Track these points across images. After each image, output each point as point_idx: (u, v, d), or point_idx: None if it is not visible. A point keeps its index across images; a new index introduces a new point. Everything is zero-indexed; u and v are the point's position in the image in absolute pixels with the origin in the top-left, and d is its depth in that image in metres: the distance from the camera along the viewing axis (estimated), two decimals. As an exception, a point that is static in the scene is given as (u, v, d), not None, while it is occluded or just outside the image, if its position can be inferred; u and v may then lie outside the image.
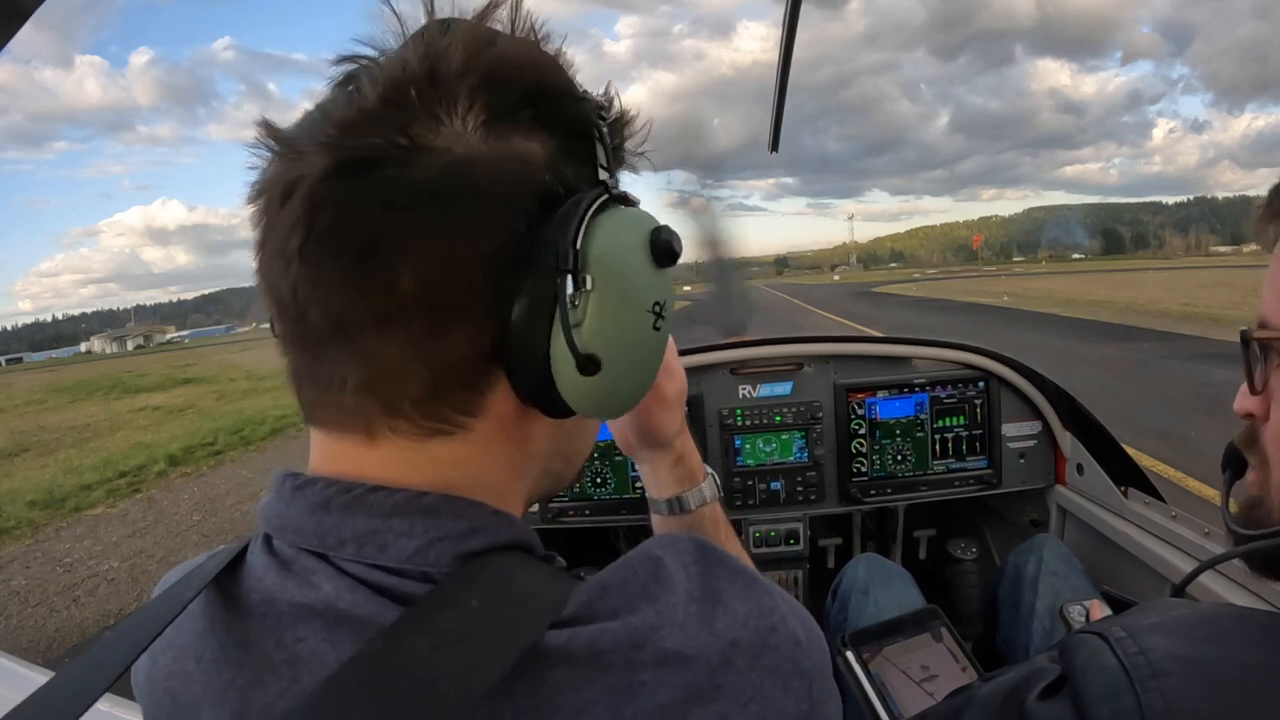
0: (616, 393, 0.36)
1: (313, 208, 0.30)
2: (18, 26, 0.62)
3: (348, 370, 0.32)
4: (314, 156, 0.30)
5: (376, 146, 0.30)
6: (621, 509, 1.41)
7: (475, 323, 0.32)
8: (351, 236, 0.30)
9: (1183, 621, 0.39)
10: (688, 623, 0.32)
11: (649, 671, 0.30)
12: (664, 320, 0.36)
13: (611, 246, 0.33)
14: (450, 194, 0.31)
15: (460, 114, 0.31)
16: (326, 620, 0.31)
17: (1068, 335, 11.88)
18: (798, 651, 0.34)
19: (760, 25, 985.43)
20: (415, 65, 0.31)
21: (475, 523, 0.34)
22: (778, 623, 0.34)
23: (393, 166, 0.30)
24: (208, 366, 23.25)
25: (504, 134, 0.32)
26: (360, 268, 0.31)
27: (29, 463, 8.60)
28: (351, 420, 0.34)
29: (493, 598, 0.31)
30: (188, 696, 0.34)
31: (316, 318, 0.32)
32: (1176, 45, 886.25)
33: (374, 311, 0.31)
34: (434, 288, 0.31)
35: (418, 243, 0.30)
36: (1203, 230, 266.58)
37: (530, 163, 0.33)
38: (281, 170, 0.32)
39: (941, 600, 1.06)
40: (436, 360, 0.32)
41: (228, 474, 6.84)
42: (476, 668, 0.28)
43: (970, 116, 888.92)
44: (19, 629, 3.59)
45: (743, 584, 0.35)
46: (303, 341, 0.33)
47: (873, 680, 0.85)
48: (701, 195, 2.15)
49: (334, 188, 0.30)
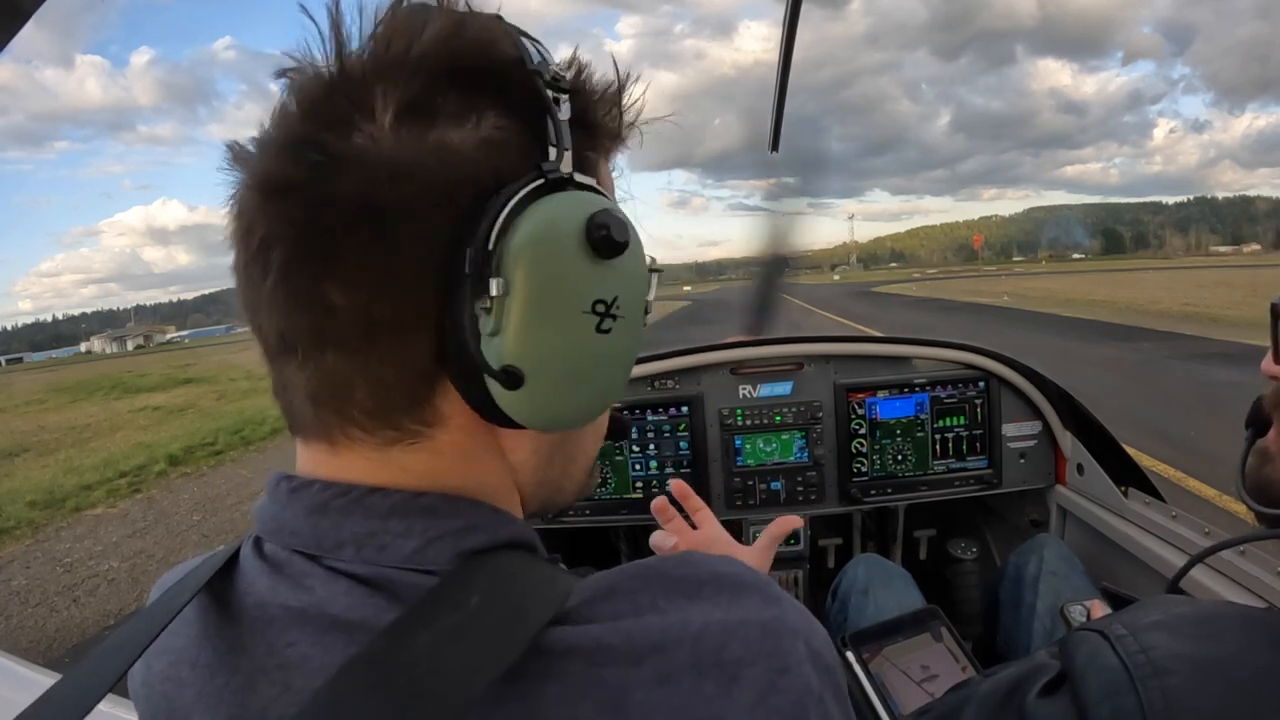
0: (556, 404, 0.33)
1: (247, 230, 0.31)
2: (18, 26, 0.62)
3: (299, 382, 0.33)
4: (249, 179, 0.31)
5: (293, 165, 0.29)
6: (621, 509, 1.41)
7: (411, 334, 0.31)
8: (277, 257, 0.30)
9: (1184, 620, 0.39)
10: (699, 645, 0.30)
11: (643, 692, 0.28)
12: (616, 320, 0.32)
13: (532, 240, 0.30)
14: (366, 205, 0.29)
15: (373, 115, 0.29)
16: (319, 625, 0.31)
17: (1068, 335, 11.88)
18: (808, 699, 0.30)
19: (762, 25, 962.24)
20: (326, 70, 0.31)
21: (473, 520, 0.34)
22: (792, 665, 0.30)
23: (309, 186, 0.29)
24: (208, 366, 23.26)
25: (420, 128, 0.30)
26: (288, 287, 0.31)
27: (29, 463, 8.60)
28: (312, 429, 0.34)
29: (492, 595, 0.31)
30: (182, 701, 0.34)
31: (269, 335, 0.32)
32: (1177, 45, 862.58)
33: (308, 328, 0.31)
34: (362, 302, 0.30)
35: (340, 259, 0.30)
36: (1203, 230, 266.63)
37: (456, 155, 0.30)
38: (237, 192, 0.32)
39: (942, 600, 1.06)
40: (376, 372, 0.32)
41: (228, 474, 6.84)
42: (477, 664, 0.28)
43: (971, 116, 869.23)
44: (19, 629, 3.59)
45: (771, 614, 0.32)
46: (267, 355, 0.34)
47: (873, 680, 0.85)
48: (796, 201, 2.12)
49: (261, 210, 0.30)
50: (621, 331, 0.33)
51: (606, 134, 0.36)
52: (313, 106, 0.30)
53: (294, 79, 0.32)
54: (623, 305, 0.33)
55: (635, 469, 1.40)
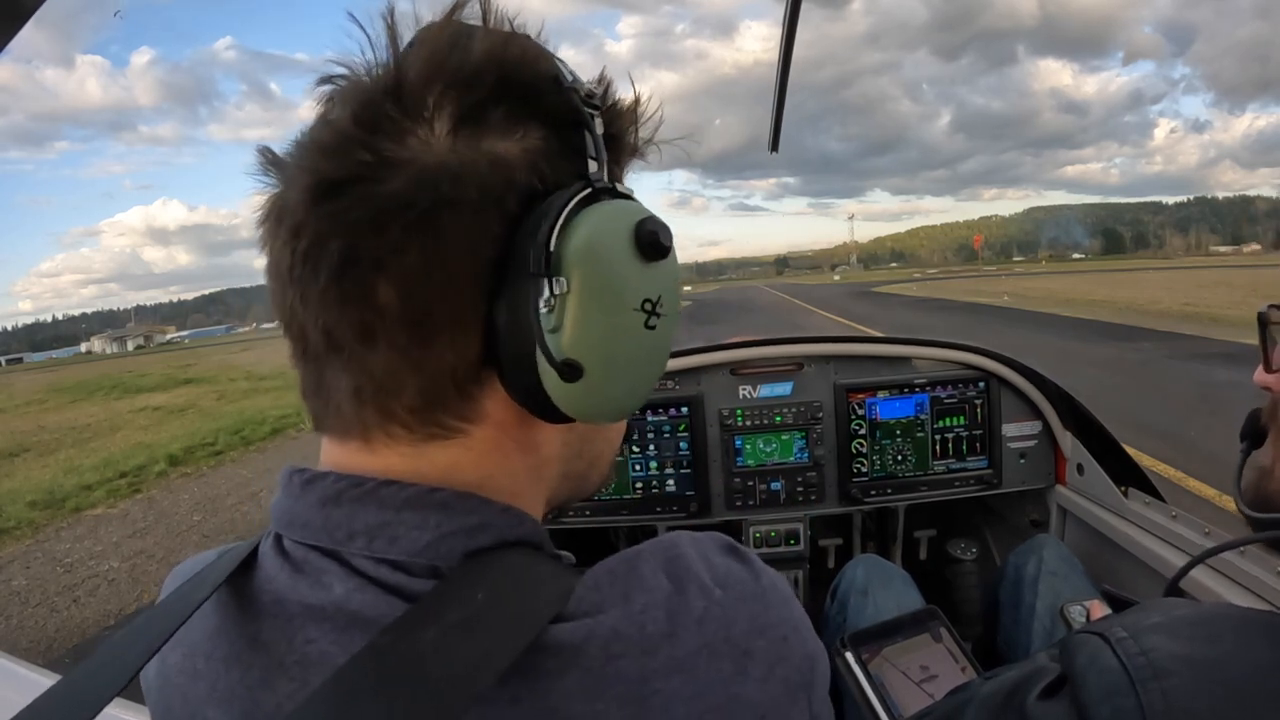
0: (609, 396, 0.34)
1: (295, 231, 0.32)
2: (19, 26, 0.62)
3: (343, 381, 0.34)
4: (295, 181, 0.32)
5: (345, 167, 0.31)
6: (621, 509, 1.41)
7: (461, 331, 0.33)
8: (328, 257, 0.31)
9: (1184, 621, 0.39)
10: (704, 627, 0.32)
11: (661, 681, 0.30)
12: (660, 318, 0.35)
13: (590, 244, 0.32)
14: (420, 207, 0.30)
15: (428, 123, 0.31)
16: (337, 623, 0.32)
17: (1068, 335, 11.88)
18: (806, 663, 0.35)
19: (762, 25, 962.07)
20: (381, 78, 0.32)
21: (485, 519, 0.34)
22: (789, 633, 0.34)
23: (362, 185, 0.30)
24: (208, 367, 23.26)
25: (474, 137, 0.32)
26: (339, 286, 0.31)
27: (29, 463, 8.60)
28: (350, 427, 0.35)
29: (498, 591, 0.31)
30: (195, 694, 0.34)
31: (311, 334, 0.33)
32: (1178, 45, 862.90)
33: (358, 326, 0.32)
34: (414, 300, 0.31)
35: (392, 258, 0.31)
36: (1203, 230, 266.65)
37: (505, 163, 0.32)
38: (275, 196, 0.34)
39: (941, 601, 1.06)
40: (425, 369, 0.33)
41: (228, 474, 6.83)
42: (483, 659, 0.28)
43: (972, 116, 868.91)
44: (19, 629, 3.59)
45: (763, 585, 0.35)
46: (305, 356, 0.35)
47: (872, 681, 0.85)
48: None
49: (311, 211, 0.31)
50: (664, 328, 0.35)
51: (628, 149, 0.39)
52: (365, 112, 0.31)
53: (341, 85, 0.34)
54: (664, 304, 0.35)
55: (635, 469, 1.40)
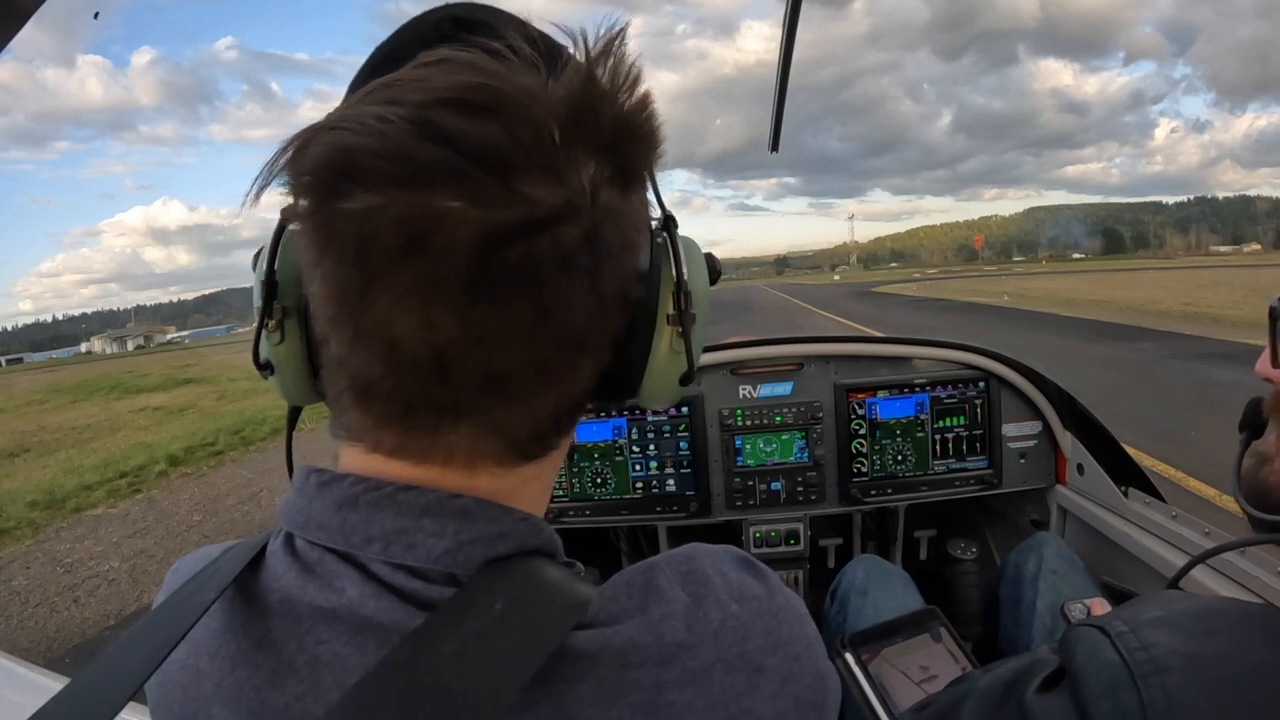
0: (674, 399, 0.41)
1: (467, 259, 0.28)
2: (19, 26, 0.62)
3: (480, 414, 0.32)
4: (454, 199, 0.27)
5: (527, 198, 0.28)
6: (621, 509, 1.41)
7: (600, 356, 0.35)
8: (506, 291, 0.29)
9: (1184, 616, 0.39)
10: (720, 640, 0.33)
11: (675, 692, 0.31)
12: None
13: (698, 275, 0.39)
14: (598, 247, 0.31)
15: (594, 169, 0.30)
16: (350, 624, 0.31)
17: (1068, 335, 11.87)
18: (818, 682, 0.36)
19: (764, 25, 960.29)
20: (558, 112, 0.29)
21: (505, 527, 0.34)
22: (803, 651, 0.36)
23: (547, 223, 0.29)
24: (208, 367, 23.27)
25: (631, 189, 0.34)
26: (512, 318, 0.29)
27: (29, 463, 8.59)
28: (448, 454, 0.33)
29: (517, 601, 0.31)
30: (198, 692, 0.34)
31: (462, 367, 0.30)
32: (1179, 45, 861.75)
33: (527, 360, 0.31)
34: (578, 333, 0.32)
35: (571, 296, 0.31)
36: (1203, 230, 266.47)
37: (640, 207, 0.35)
38: (402, 202, 0.28)
39: (941, 601, 1.06)
40: (567, 396, 0.34)
41: (228, 474, 6.83)
42: (505, 670, 0.28)
43: (973, 116, 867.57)
44: (19, 629, 3.58)
45: (778, 603, 0.37)
46: (416, 387, 0.31)
47: (872, 682, 0.85)
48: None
49: (487, 240, 0.28)
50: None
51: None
52: (540, 145, 0.29)
53: (505, 101, 0.29)
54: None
55: (635, 469, 1.40)
